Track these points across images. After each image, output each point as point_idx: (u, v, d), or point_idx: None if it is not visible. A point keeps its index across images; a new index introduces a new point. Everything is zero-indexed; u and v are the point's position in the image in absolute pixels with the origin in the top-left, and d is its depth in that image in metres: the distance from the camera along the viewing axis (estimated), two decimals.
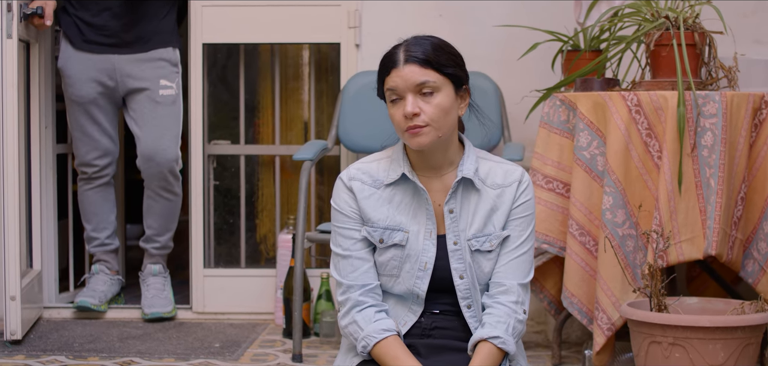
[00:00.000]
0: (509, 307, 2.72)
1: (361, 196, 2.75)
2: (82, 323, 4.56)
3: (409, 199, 2.75)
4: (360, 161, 2.82)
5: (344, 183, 2.77)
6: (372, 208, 2.74)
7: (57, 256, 4.80)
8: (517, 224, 2.75)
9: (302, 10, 4.65)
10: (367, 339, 2.69)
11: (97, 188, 4.68)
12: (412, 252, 2.73)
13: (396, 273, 2.75)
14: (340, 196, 2.78)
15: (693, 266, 4.02)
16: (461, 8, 4.60)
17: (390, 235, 2.73)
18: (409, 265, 2.74)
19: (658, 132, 3.56)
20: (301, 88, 4.93)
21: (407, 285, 2.75)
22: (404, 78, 2.65)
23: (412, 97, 2.65)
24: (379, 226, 2.74)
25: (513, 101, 4.44)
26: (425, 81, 2.65)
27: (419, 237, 2.73)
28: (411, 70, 2.65)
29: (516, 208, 2.75)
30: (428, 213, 2.74)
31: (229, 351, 4.12)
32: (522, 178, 2.77)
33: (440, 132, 2.67)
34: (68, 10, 4.58)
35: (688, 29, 3.63)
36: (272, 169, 4.94)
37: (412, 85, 2.65)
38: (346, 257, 2.76)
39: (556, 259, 3.92)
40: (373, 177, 2.76)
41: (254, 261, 4.95)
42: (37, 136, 4.57)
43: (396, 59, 2.67)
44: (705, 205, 3.52)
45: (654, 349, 3.17)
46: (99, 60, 4.55)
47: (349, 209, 2.76)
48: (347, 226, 2.76)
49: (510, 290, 2.73)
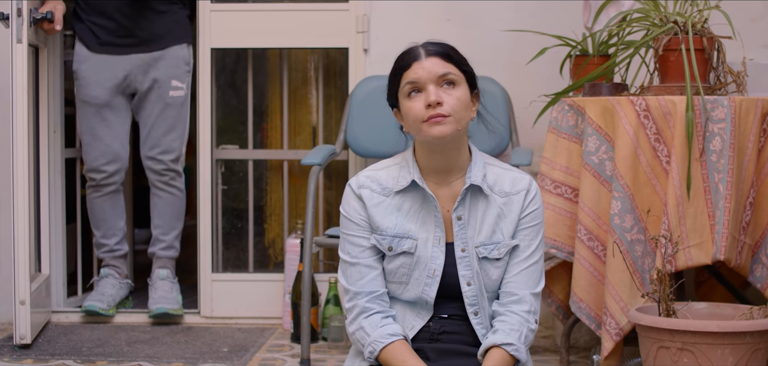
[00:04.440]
0: (522, 317, 2.73)
1: (370, 204, 2.75)
2: (90, 327, 4.56)
3: (418, 207, 2.76)
4: (369, 169, 2.82)
5: (353, 191, 2.78)
6: (381, 216, 2.75)
7: (65, 260, 4.81)
8: (526, 233, 2.77)
9: (310, 15, 4.66)
10: (374, 344, 2.70)
11: (106, 196, 4.68)
12: (421, 259, 2.74)
13: (405, 280, 2.76)
14: (349, 203, 2.78)
15: (701, 271, 4.01)
16: (470, 12, 4.60)
17: (399, 242, 2.74)
18: (418, 272, 2.74)
19: (666, 137, 3.56)
20: (309, 92, 4.93)
21: (416, 292, 2.75)
22: (427, 69, 2.68)
23: (434, 87, 2.67)
24: (388, 234, 2.74)
25: (521, 106, 4.44)
26: (448, 72, 2.69)
27: (428, 244, 2.74)
28: (433, 61, 2.69)
29: (525, 218, 2.76)
30: (437, 220, 2.74)
31: (237, 355, 4.12)
32: (530, 187, 2.78)
33: (459, 125, 2.68)
34: (81, 16, 4.59)
35: (697, 34, 3.62)
36: (280, 173, 4.94)
37: (434, 77, 2.68)
38: (354, 264, 2.77)
39: (565, 264, 3.91)
40: (382, 185, 2.77)
41: (262, 265, 4.96)
42: (46, 140, 4.58)
43: (417, 53, 2.70)
44: (714, 210, 3.51)
45: (662, 354, 3.17)
46: (115, 61, 4.58)
47: (358, 217, 2.77)
48: (356, 234, 2.77)
49: (522, 300, 2.75)
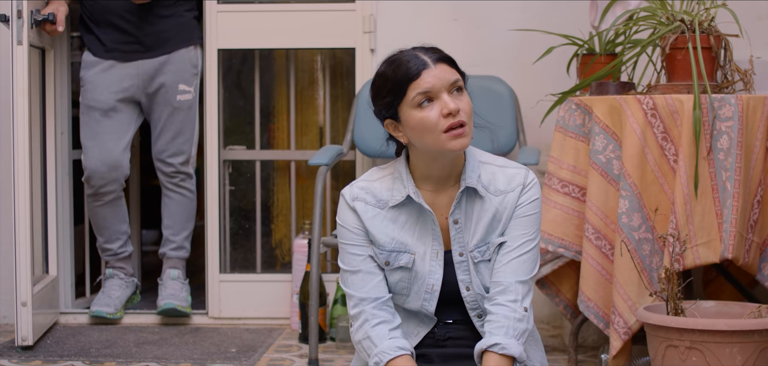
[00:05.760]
0: (507, 307, 2.63)
1: (365, 217, 2.68)
2: (98, 328, 4.57)
3: (415, 220, 2.68)
4: (363, 179, 2.74)
5: (347, 203, 2.70)
6: (377, 230, 2.68)
7: (73, 261, 4.81)
8: (519, 224, 2.67)
9: (317, 16, 4.66)
10: (380, 355, 2.63)
11: (106, 205, 4.64)
12: (419, 274, 2.68)
13: (405, 292, 2.70)
14: (344, 214, 2.71)
15: (709, 270, 4.01)
16: (476, 12, 4.60)
17: (396, 257, 2.68)
18: (417, 286, 2.68)
19: (673, 135, 3.56)
20: (316, 93, 4.93)
21: (416, 305, 2.70)
22: (438, 77, 2.57)
23: (448, 95, 2.58)
24: (385, 249, 2.67)
25: (528, 105, 4.44)
26: (457, 79, 2.60)
27: (426, 259, 2.68)
28: (443, 68, 2.59)
29: (519, 209, 2.67)
30: (434, 233, 2.68)
31: (245, 356, 4.13)
32: (526, 179, 2.68)
33: (471, 132, 2.60)
34: (87, 24, 4.59)
35: (704, 32, 3.62)
36: (287, 174, 4.94)
37: (447, 84, 2.58)
38: (355, 272, 2.70)
39: (572, 264, 3.91)
40: (377, 197, 2.69)
41: (270, 266, 4.96)
42: (53, 142, 4.58)
43: (424, 61, 2.59)
44: (721, 208, 3.51)
45: (671, 353, 3.16)
46: (122, 67, 4.57)
47: (354, 227, 2.69)
48: (354, 242, 2.70)
49: (507, 289, 2.64)
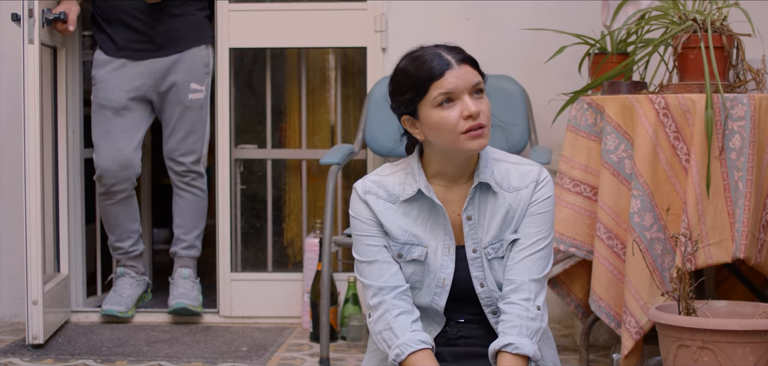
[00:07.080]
0: (520, 306, 2.63)
1: (377, 211, 2.69)
2: (109, 327, 4.58)
3: (426, 215, 2.69)
4: (375, 173, 2.75)
5: (359, 196, 2.71)
6: (390, 222, 2.68)
7: (84, 260, 4.82)
8: (533, 221, 2.67)
9: (328, 14, 4.66)
10: (402, 347, 2.62)
11: (117, 203, 4.65)
12: (431, 268, 2.68)
13: (418, 286, 2.71)
14: (356, 206, 2.71)
15: (721, 269, 4.00)
16: (488, 11, 4.59)
17: (409, 250, 2.68)
18: (428, 280, 2.69)
19: (686, 135, 3.55)
20: (327, 92, 4.94)
21: (427, 299, 2.70)
22: (461, 78, 2.57)
23: (469, 97, 2.58)
24: (398, 241, 2.68)
25: (540, 105, 4.44)
26: (479, 81, 2.60)
27: (437, 253, 2.68)
28: (466, 70, 2.59)
29: (533, 206, 2.67)
30: (446, 228, 2.68)
31: (256, 355, 4.13)
32: (539, 177, 2.68)
33: (489, 133, 2.61)
34: (99, 23, 4.59)
35: (716, 32, 3.61)
36: (299, 173, 4.94)
37: (469, 85, 2.58)
38: (371, 263, 2.70)
39: (584, 263, 3.91)
40: (389, 191, 2.70)
41: (281, 265, 4.96)
42: (65, 141, 4.59)
43: (447, 61, 2.58)
44: (733, 208, 3.50)
45: (682, 353, 3.16)
46: (133, 66, 4.58)
47: (367, 218, 2.70)
48: (368, 234, 2.70)
49: (521, 287, 2.64)
